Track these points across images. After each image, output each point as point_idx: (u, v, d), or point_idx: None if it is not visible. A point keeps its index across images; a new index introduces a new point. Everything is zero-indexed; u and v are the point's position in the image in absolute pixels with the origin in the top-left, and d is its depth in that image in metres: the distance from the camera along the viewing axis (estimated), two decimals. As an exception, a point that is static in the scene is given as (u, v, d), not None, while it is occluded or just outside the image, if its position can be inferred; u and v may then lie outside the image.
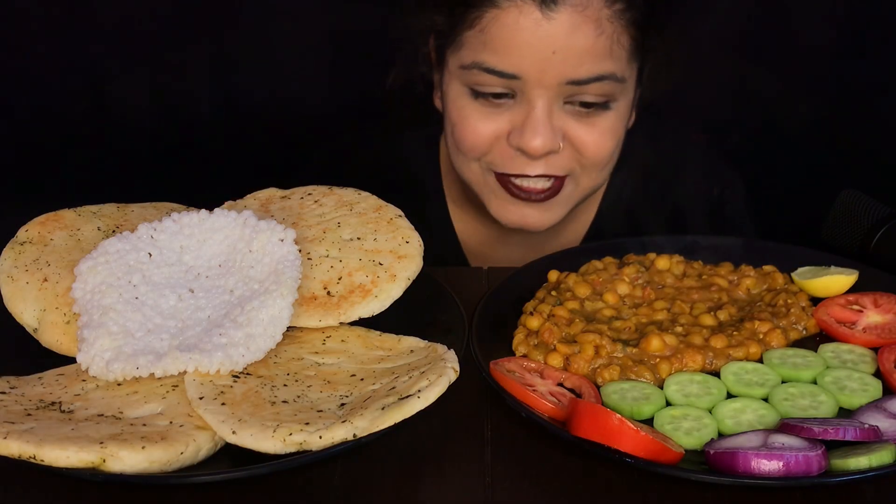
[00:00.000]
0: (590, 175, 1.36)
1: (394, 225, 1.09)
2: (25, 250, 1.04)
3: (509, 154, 1.32)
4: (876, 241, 1.23)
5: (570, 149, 1.32)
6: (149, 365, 0.91)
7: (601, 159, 1.34)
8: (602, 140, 1.32)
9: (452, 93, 1.34)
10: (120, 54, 1.77)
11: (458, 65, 1.31)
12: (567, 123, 1.30)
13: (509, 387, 0.96)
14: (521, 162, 1.32)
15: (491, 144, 1.33)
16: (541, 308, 1.11)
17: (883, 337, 1.06)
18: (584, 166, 1.34)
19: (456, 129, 1.35)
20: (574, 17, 1.24)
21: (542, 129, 1.28)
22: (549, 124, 1.28)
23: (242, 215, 1.04)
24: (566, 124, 1.30)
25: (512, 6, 1.24)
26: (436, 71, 1.41)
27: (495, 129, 1.32)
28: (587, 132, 1.31)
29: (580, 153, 1.32)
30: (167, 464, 0.82)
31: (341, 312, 1.01)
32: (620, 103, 1.32)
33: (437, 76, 1.42)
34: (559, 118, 1.30)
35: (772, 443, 0.86)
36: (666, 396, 0.99)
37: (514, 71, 1.26)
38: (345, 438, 0.83)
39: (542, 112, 1.28)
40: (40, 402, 0.90)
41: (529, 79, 1.26)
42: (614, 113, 1.32)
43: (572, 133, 1.31)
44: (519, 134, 1.29)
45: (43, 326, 0.99)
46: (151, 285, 0.99)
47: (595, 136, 1.31)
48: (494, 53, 1.26)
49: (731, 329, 1.08)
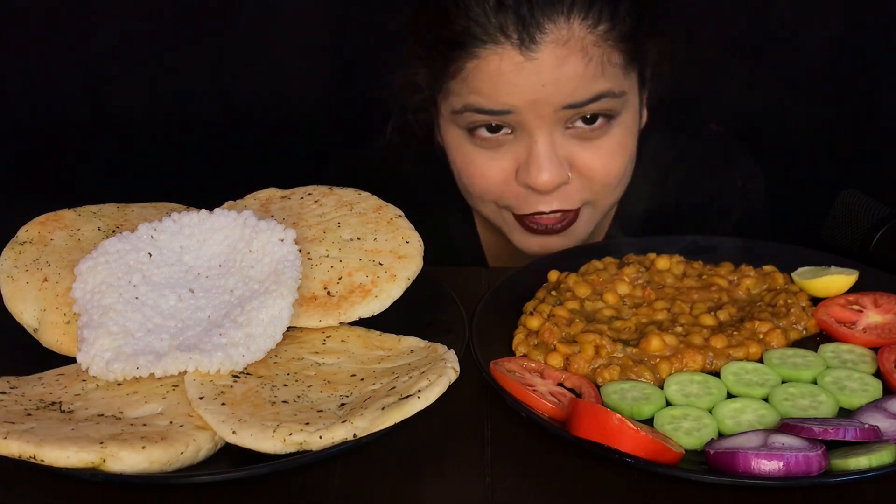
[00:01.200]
0: (605, 197, 1.33)
1: (394, 225, 1.09)
2: (25, 250, 1.04)
3: (521, 194, 1.29)
4: (876, 241, 1.23)
5: (579, 178, 1.29)
6: (149, 365, 0.91)
7: (612, 181, 1.31)
8: (610, 161, 1.28)
9: (453, 138, 1.32)
10: (120, 54, 1.77)
11: (450, 111, 1.29)
12: (572, 151, 1.27)
13: (509, 387, 0.96)
14: (533, 200, 1.29)
15: (501, 186, 1.30)
16: (541, 308, 1.11)
17: (883, 337, 1.06)
18: (596, 191, 1.31)
19: (463, 175, 1.33)
20: (557, 51, 1.20)
21: (546, 163, 1.24)
22: (554, 156, 1.25)
23: (242, 215, 1.04)
24: (571, 152, 1.27)
25: (491, 53, 1.21)
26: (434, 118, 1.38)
27: (501, 170, 1.29)
28: (593, 156, 1.27)
29: (590, 180, 1.29)
30: (167, 464, 0.82)
31: (341, 312, 1.01)
32: (624, 116, 1.29)
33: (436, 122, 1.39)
34: (563, 147, 1.26)
35: (772, 443, 0.86)
36: (666, 396, 0.99)
37: (506, 107, 1.23)
38: (345, 438, 0.83)
39: (545, 145, 1.24)
40: (40, 402, 0.90)
41: (523, 111, 1.23)
42: (618, 129, 1.28)
43: (579, 161, 1.27)
44: (525, 171, 1.26)
45: (43, 326, 0.99)
46: (151, 285, 0.99)
47: (603, 160, 1.28)
48: (481, 96, 1.24)
49: (731, 329, 1.08)
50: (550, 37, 1.20)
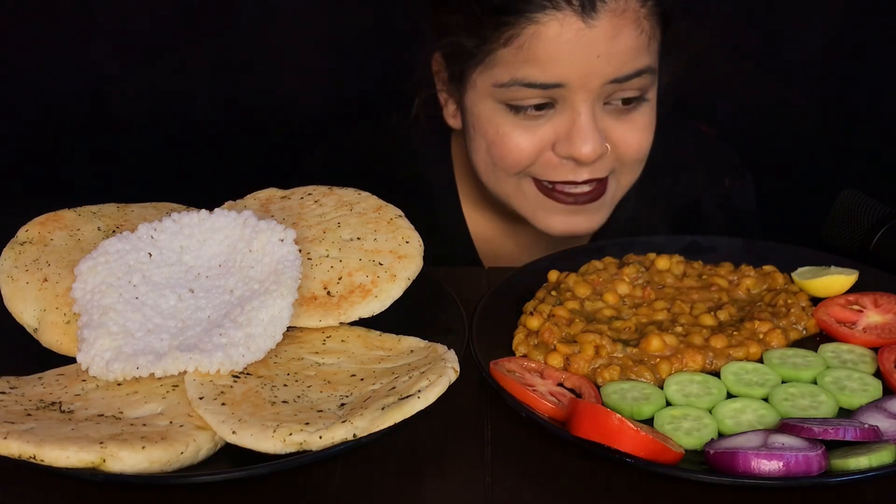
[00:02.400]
0: (629, 171, 1.36)
1: (394, 225, 1.09)
2: (25, 250, 1.04)
3: (554, 163, 1.31)
4: (876, 241, 1.23)
5: (613, 150, 1.32)
6: (149, 365, 0.91)
7: (642, 155, 1.34)
8: (642, 136, 1.32)
9: (486, 112, 1.32)
10: (120, 54, 1.77)
11: (492, 83, 1.29)
12: (608, 124, 1.30)
13: (509, 387, 0.96)
14: (567, 169, 1.31)
15: (534, 158, 1.31)
16: (541, 308, 1.11)
17: (883, 337, 1.06)
18: (624, 163, 1.34)
19: (494, 147, 1.33)
20: (615, 20, 1.23)
21: (591, 134, 1.27)
22: (596, 129, 1.28)
23: (242, 215, 1.04)
24: (607, 125, 1.30)
25: (552, 19, 1.22)
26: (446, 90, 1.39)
27: (539, 142, 1.30)
28: (628, 130, 1.31)
29: (624, 152, 1.32)
30: (167, 464, 0.82)
31: (341, 312, 1.01)
32: (651, 94, 1.32)
33: (443, 96, 1.40)
34: (601, 120, 1.29)
35: (772, 443, 0.86)
36: (666, 396, 0.99)
37: (559, 80, 1.25)
38: (345, 438, 0.83)
39: (588, 118, 1.27)
40: (40, 402, 0.90)
41: (573, 85, 1.25)
42: (648, 106, 1.32)
43: (614, 134, 1.30)
44: (567, 143, 1.28)
45: (43, 326, 0.99)
46: (151, 285, 0.99)
47: (636, 134, 1.31)
48: (536, 67, 1.25)
49: (731, 329, 1.08)
50: (610, 5, 1.23)
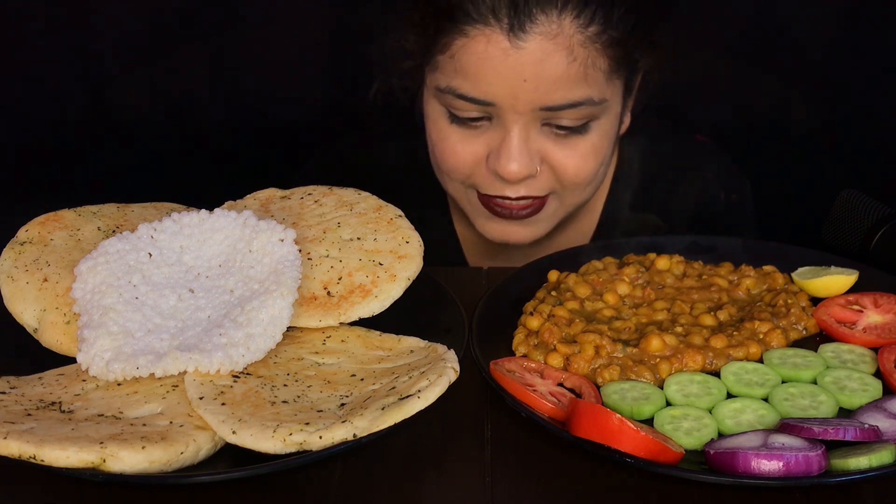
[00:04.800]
0: (573, 193, 1.34)
1: (394, 225, 1.09)
2: (25, 250, 1.04)
3: (489, 176, 1.31)
4: (876, 241, 1.23)
5: (549, 171, 1.30)
6: (149, 365, 0.91)
7: (582, 181, 1.32)
8: (582, 163, 1.29)
9: (432, 113, 1.33)
10: (120, 54, 1.77)
11: (435, 86, 1.29)
12: (545, 146, 1.28)
13: (509, 387, 0.96)
14: (500, 185, 1.30)
15: (471, 167, 1.31)
16: (541, 308, 1.11)
17: (883, 337, 1.06)
18: (565, 186, 1.32)
19: (436, 149, 1.34)
20: (544, 44, 1.20)
21: (517, 155, 1.25)
22: (526, 149, 1.26)
23: (242, 215, 1.04)
24: (544, 147, 1.28)
25: (480, 34, 1.22)
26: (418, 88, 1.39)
27: (474, 152, 1.30)
28: (566, 155, 1.28)
29: (560, 174, 1.30)
30: (167, 464, 0.82)
31: (341, 312, 1.01)
32: (602, 122, 1.29)
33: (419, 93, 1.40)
34: (536, 141, 1.27)
35: (772, 443, 0.86)
36: (666, 396, 0.99)
37: (487, 98, 1.24)
38: (345, 438, 0.83)
39: (518, 138, 1.25)
40: (40, 402, 0.90)
41: (503, 105, 1.24)
42: (595, 133, 1.29)
43: (551, 156, 1.28)
44: (496, 159, 1.27)
45: (43, 326, 0.99)
46: (151, 285, 0.99)
47: (575, 160, 1.29)
48: (466, 80, 1.24)
49: (731, 329, 1.08)
50: (540, 28, 1.20)
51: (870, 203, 1.28)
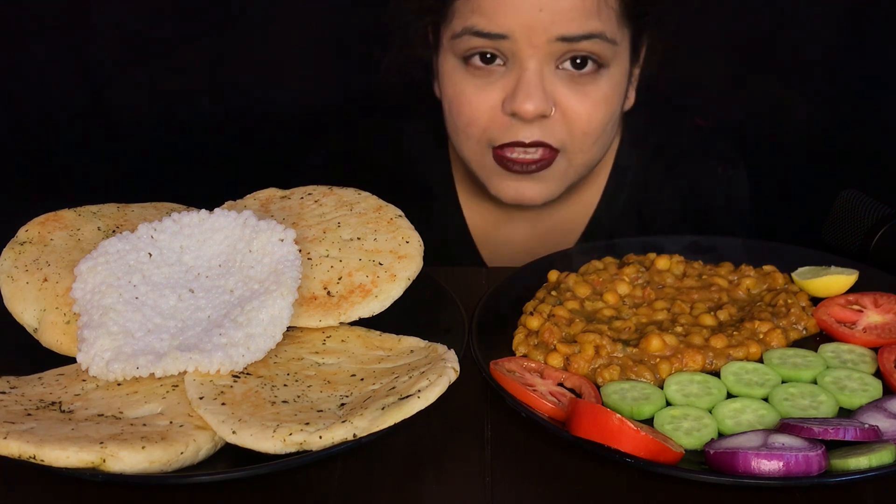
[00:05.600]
0: (582, 149, 1.36)
1: (394, 225, 1.09)
2: (25, 250, 1.04)
3: (505, 123, 1.33)
4: (876, 241, 1.23)
5: (562, 119, 1.32)
6: (149, 365, 0.91)
7: (593, 129, 1.34)
8: (594, 110, 1.32)
9: (447, 68, 1.36)
10: (120, 54, 1.77)
11: (450, 36, 1.33)
12: (559, 90, 1.31)
13: (509, 387, 0.96)
14: (515, 129, 1.32)
15: (488, 117, 1.33)
16: (541, 308, 1.11)
17: (883, 337, 1.06)
18: (575, 137, 1.34)
19: (453, 104, 1.36)
20: None
21: (533, 90, 1.28)
22: (541, 86, 1.29)
23: (242, 215, 1.04)
24: (558, 91, 1.31)
25: None
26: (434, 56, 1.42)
27: (490, 100, 1.33)
28: (579, 100, 1.31)
29: (572, 122, 1.32)
30: (167, 464, 0.82)
31: (341, 312, 1.01)
32: (613, 70, 1.32)
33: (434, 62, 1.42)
34: (551, 83, 1.30)
35: (772, 443, 0.86)
36: (666, 396, 0.99)
37: (503, 31, 1.27)
38: (345, 438, 0.83)
39: (534, 73, 1.29)
40: (40, 402, 0.90)
41: (518, 38, 1.27)
42: (606, 81, 1.32)
43: (564, 101, 1.31)
44: (511, 98, 1.30)
45: (43, 326, 0.99)
46: (151, 285, 0.99)
47: (587, 105, 1.32)
48: (482, 15, 1.28)
49: (731, 329, 1.08)
50: None
51: (870, 203, 1.28)
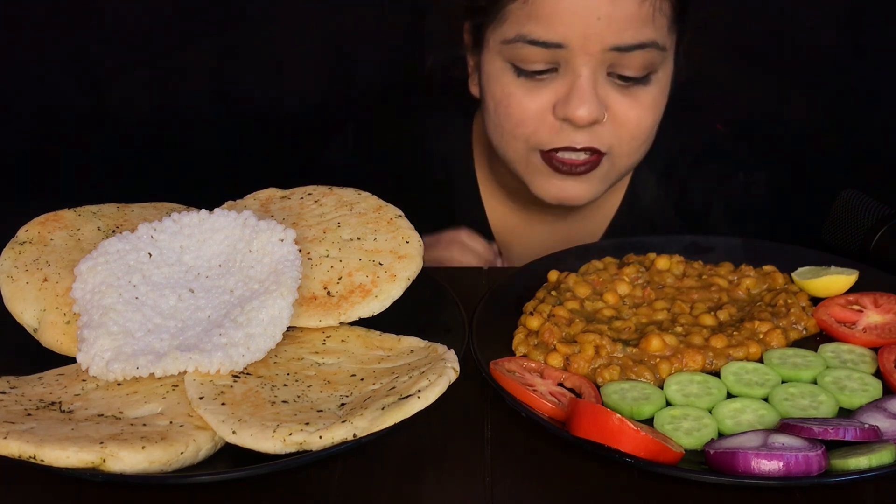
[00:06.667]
0: (628, 151, 1.36)
1: (394, 225, 1.09)
2: (25, 250, 1.04)
3: (555, 128, 1.33)
4: (876, 241, 1.23)
5: (612, 123, 1.33)
6: (149, 365, 0.91)
7: (641, 133, 1.35)
8: (644, 114, 1.33)
9: (495, 70, 1.35)
10: (120, 54, 1.77)
11: (501, 40, 1.32)
12: (610, 96, 1.31)
13: (509, 387, 0.96)
14: (566, 134, 1.32)
15: (536, 121, 1.33)
16: (541, 308, 1.11)
17: (883, 337, 1.06)
18: (623, 141, 1.34)
19: (500, 107, 1.35)
20: None
21: (588, 96, 1.29)
22: (594, 93, 1.29)
23: (242, 215, 1.04)
24: (609, 96, 1.31)
25: None
26: (471, 55, 1.41)
27: (540, 104, 1.32)
28: (630, 106, 1.32)
29: (621, 127, 1.33)
30: (167, 464, 0.82)
31: (341, 312, 1.01)
32: (661, 75, 1.33)
33: (472, 61, 1.42)
34: (602, 89, 1.31)
35: (772, 443, 0.86)
36: (666, 396, 0.99)
37: (559, 40, 1.27)
38: (345, 438, 0.83)
39: (588, 81, 1.29)
40: (40, 402, 0.90)
41: (574, 46, 1.27)
42: (655, 86, 1.33)
43: (615, 106, 1.32)
44: (564, 104, 1.30)
45: (43, 326, 0.99)
46: (151, 285, 0.99)
47: (637, 111, 1.32)
48: (539, 23, 1.27)
49: (731, 329, 1.08)
50: None
51: (870, 203, 1.28)
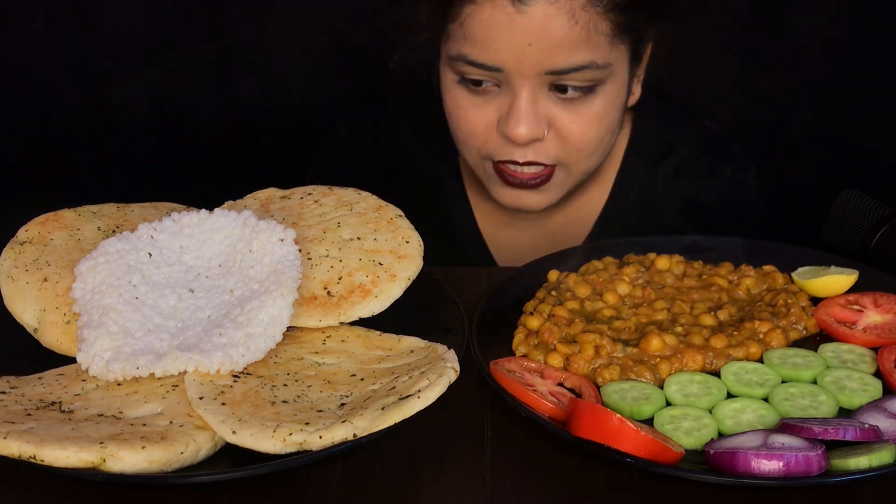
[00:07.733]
0: (577, 161, 1.37)
1: (394, 225, 1.09)
2: (25, 250, 1.04)
3: (500, 141, 1.35)
4: (876, 241, 1.23)
5: (556, 136, 1.33)
6: (149, 365, 0.91)
7: (586, 146, 1.35)
8: (587, 128, 1.33)
9: (447, 82, 1.37)
10: (120, 54, 1.77)
11: (447, 55, 1.34)
12: (552, 111, 1.32)
13: (509, 387, 0.96)
14: (510, 149, 1.34)
15: (484, 133, 1.36)
16: (541, 308, 1.11)
17: (883, 337, 1.06)
18: (570, 153, 1.35)
19: (452, 117, 1.39)
20: (546, 8, 1.25)
21: (525, 117, 1.30)
22: (533, 112, 1.30)
23: (242, 215, 1.04)
24: (551, 111, 1.32)
25: (486, 1, 1.27)
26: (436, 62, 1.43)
27: (485, 118, 1.34)
28: (571, 120, 1.32)
29: (565, 140, 1.34)
30: (167, 464, 0.82)
31: (341, 312, 1.01)
32: (608, 87, 1.33)
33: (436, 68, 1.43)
34: (544, 105, 1.31)
35: (772, 443, 0.86)
36: (666, 396, 0.99)
37: (494, 64, 1.28)
38: (345, 438, 0.83)
39: (526, 101, 1.30)
40: (40, 402, 0.90)
41: (510, 70, 1.28)
42: (600, 98, 1.33)
43: (557, 121, 1.32)
44: (505, 122, 1.32)
45: (43, 326, 0.99)
46: (151, 285, 0.99)
47: (580, 125, 1.33)
48: (474, 47, 1.29)
49: (731, 329, 1.08)
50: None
51: (870, 203, 1.27)
